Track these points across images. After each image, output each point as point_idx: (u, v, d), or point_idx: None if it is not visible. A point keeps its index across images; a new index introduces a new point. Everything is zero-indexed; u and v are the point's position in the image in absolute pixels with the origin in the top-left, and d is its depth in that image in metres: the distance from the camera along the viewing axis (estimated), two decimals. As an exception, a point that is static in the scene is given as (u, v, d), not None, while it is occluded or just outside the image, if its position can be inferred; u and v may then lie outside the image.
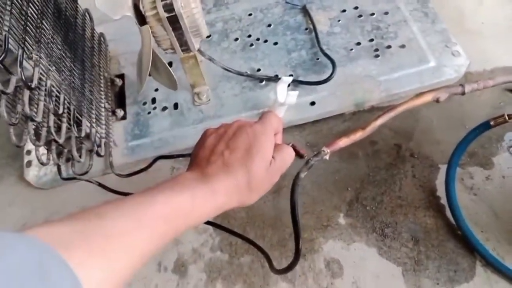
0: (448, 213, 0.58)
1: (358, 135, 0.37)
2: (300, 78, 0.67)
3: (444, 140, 0.64)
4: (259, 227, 0.61)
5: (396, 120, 0.67)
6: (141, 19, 0.51)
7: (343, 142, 0.36)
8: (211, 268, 0.59)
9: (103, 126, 0.60)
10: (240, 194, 0.42)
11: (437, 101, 0.39)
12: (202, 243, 0.60)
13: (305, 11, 0.74)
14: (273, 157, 0.43)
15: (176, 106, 0.67)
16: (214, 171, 0.41)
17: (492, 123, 0.57)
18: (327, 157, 0.35)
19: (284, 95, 0.57)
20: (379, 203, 0.60)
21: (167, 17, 0.49)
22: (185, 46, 0.54)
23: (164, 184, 0.39)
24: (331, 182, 0.63)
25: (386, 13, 0.73)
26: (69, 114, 0.53)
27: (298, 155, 0.66)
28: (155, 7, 0.48)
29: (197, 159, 0.44)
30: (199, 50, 0.58)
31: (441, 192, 0.59)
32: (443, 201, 0.59)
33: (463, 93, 0.40)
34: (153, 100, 0.68)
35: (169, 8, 0.48)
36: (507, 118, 0.55)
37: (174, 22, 0.49)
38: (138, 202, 0.36)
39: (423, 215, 0.59)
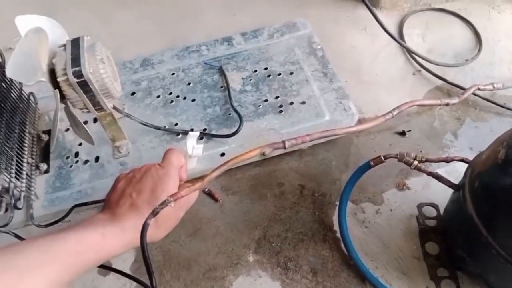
0: (343, 245, 0.65)
1: (198, 186, 0.44)
2: (213, 132, 0.75)
3: (342, 179, 0.72)
4: (175, 269, 0.65)
5: (301, 163, 0.76)
6: (56, 83, 0.57)
7: (185, 192, 0.42)
8: (127, 312, 0.61)
9: (24, 180, 0.64)
10: (148, 231, 0.46)
11: (263, 154, 0.47)
12: (120, 287, 0.63)
13: (221, 71, 0.84)
14: None
15: (97, 159, 0.72)
16: (123, 211, 0.47)
17: (372, 163, 0.66)
18: (172, 204, 0.41)
19: (192, 148, 0.64)
20: (283, 239, 0.67)
21: (77, 82, 0.55)
22: (98, 106, 0.60)
23: (78, 224, 0.45)
24: (242, 222, 0.69)
25: (292, 73, 0.84)
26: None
27: (214, 199, 0.72)
28: (66, 73, 0.55)
29: (108, 202, 0.50)
30: (115, 108, 0.64)
31: (337, 226, 0.67)
32: (339, 234, 0.66)
33: (284, 147, 0.48)
34: (76, 154, 0.73)
35: (78, 74, 0.55)
36: (383, 158, 0.65)
37: (84, 86, 0.56)
38: (52, 239, 0.41)
39: (321, 248, 0.65)
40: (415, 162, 0.61)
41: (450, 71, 0.87)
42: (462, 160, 0.61)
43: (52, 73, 0.57)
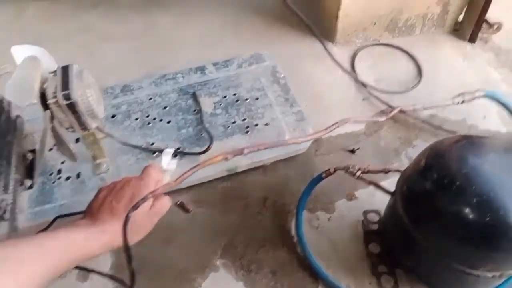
0: (299, 248, 0.73)
1: (172, 184, 0.52)
2: (186, 150, 0.83)
3: (299, 191, 0.82)
4: (149, 272, 0.71)
5: (265, 177, 0.85)
6: (46, 105, 0.65)
7: (162, 189, 0.50)
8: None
9: (10, 195, 0.70)
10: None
11: (226, 159, 0.55)
12: (97, 291, 0.69)
13: (194, 97, 0.94)
14: (153, 204, 0.55)
15: (78, 175, 0.79)
16: (103, 217, 0.53)
17: (323, 175, 0.76)
18: (151, 201, 0.49)
19: (166, 163, 0.72)
20: (247, 245, 0.75)
21: (66, 104, 0.64)
22: (83, 125, 0.68)
23: (65, 226, 0.51)
24: (211, 231, 0.77)
25: (257, 98, 0.94)
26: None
27: (185, 210, 0.80)
28: (55, 96, 0.63)
29: (90, 210, 0.56)
30: (97, 128, 0.72)
31: (294, 232, 0.76)
32: (296, 239, 0.75)
33: (242, 154, 0.56)
34: (59, 171, 0.80)
35: (67, 96, 0.63)
36: (332, 171, 0.75)
37: (72, 107, 0.64)
38: (44, 237, 0.48)
39: (281, 251, 0.74)
40: (358, 173, 0.71)
41: (394, 97, 1.00)
42: (398, 171, 0.72)
43: (42, 96, 0.66)
